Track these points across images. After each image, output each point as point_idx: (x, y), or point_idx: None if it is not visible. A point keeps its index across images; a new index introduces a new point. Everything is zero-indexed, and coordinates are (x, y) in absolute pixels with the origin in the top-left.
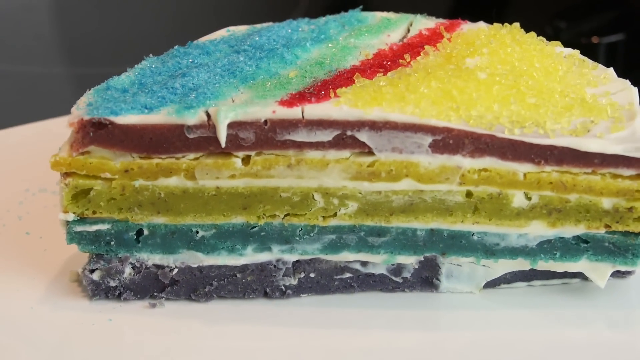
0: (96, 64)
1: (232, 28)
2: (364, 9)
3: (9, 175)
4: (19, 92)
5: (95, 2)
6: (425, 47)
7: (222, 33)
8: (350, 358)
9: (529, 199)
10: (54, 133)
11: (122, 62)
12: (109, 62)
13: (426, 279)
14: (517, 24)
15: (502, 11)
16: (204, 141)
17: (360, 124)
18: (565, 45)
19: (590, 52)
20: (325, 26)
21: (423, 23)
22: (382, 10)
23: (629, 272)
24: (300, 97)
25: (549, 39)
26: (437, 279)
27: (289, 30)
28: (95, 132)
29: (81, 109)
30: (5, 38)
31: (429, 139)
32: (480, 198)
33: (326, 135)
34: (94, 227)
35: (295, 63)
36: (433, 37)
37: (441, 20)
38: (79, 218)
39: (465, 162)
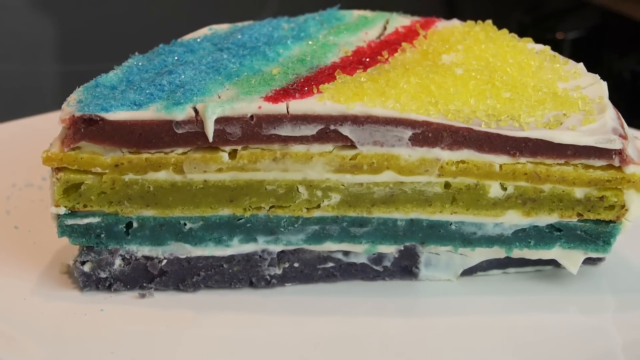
0: (79, 62)
1: (214, 26)
2: (341, 7)
3: None
4: (3, 90)
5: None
6: (402, 44)
7: (204, 31)
8: (333, 344)
9: (505, 189)
10: (39, 129)
11: (107, 59)
12: (92, 59)
13: (406, 267)
14: (489, 21)
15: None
16: (191, 136)
17: (342, 119)
18: (521, 33)
19: (555, 47)
20: (304, 24)
21: (399, 21)
22: (358, 8)
23: (599, 259)
24: (284, 93)
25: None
26: (417, 268)
27: (270, 29)
28: (86, 128)
29: (72, 106)
30: None
31: (409, 133)
32: (458, 189)
33: (310, 130)
34: (85, 221)
35: (278, 60)
36: (409, 35)
37: (416, 18)
38: (70, 212)
39: (444, 155)
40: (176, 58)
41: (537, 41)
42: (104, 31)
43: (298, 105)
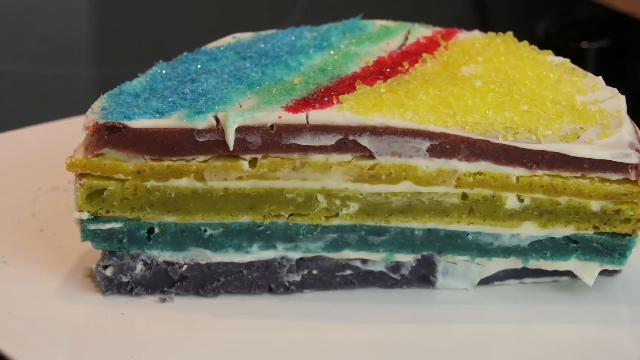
0: (108, 65)
1: (237, 35)
2: (363, 17)
3: (23, 174)
4: (30, 92)
5: (103, 4)
6: (423, 54)
7: (228, 40)
8: (350, 351)
9: (522, 201)
10: (64, 133)
11: (130, 62)
12: (122, 63)
13: (423, 276)
14: (510, 33)
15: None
16: (212, 144)
17: (361, 129)
18: (554, 49)
19: (579, 57)
20: (327, 33)
21: (421, 31)
22: (381, 18)
23: (615, 271)
24: (304, 103)
25: (539, 42)
26: (434, 276)
27: (293, 38)
28: (110, 135)
29: (96, 113)
30: (16, 38)
31: (426, 144)
32: (475, 200)
33: (329, 140)
34: (107, 226)
35: (299, 69)
36: (430, 45)
37: (438, 29)
38: (93, 217)
39: (461, 166)
40: (199, 66)
41: (561, 50)
42: (133, 36)
43: (317, 116)
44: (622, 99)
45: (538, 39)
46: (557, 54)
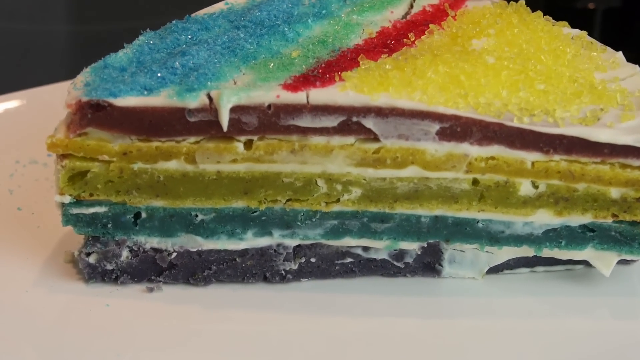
0: (89, 22)
1: (230, 0)
2: None
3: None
4: (11, 51)
5: None
6: (430, 25)
7: (220, 6)
8: (350, 343)
9: (536, 187)
10: (43, 101)
11: (111, 19)
12: (102, 19)
13: (428, 264)
14: (522, 2)
15: None
16: (205, 125)
17: (366, 110)
18: (560, 10)
19: (586, 18)
20: (326, 0)
21: None
22: None
23: (633, 260)
24: (304, 81)
25: (545, 2)
26: (440, 265)
27: (290, 5)
28: (94, 114)
29: (78, 89)
30: None
31: (436, 127)
32: (486, 186)
33: (331, 121)
34: (91, 210)
35: (297, 41)
36: (437, 15)
37: None
38: (75, 200)
39: (473, 150)
40: (190, 37)
41: (566, 11)
42: None
43: (319, 95)
44: None
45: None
46: (563, 15)
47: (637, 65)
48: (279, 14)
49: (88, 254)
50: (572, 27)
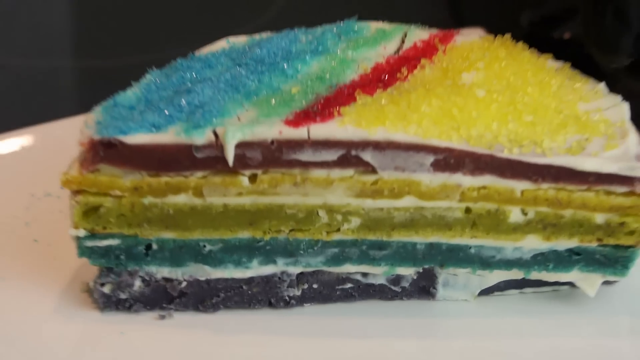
0: (95, 57)
1: (231, 39)
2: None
3: (14, 180)
4: (20, 87)
5: None
6: (421, 60)
7: (222, 44)
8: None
9: (525, 214)
10: (54, 136)
11: (125, 54)
12: (108, 55)
13: (423, 287)
14: (508, 35)
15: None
16: (211, 160)
17: (364, 144)
18: (539, 40)
19: (562, 46)
20: (322, 37)
21: (417, 34)
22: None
23: (615, 280)
24: (305, 116)
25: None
26: (434, 288)
27: (288, 42)
28: (105, 151)
29: (90, 128)
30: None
31: (430, 158)
32: (478, 214)
33: (331, 155)
34: (104, 242)
35: (296, 77)
36: (428, 50)
37: (434, 31)
38: (89, 234)
39: (465, 180)
40: (194, 75)
41: (544, 41)
42: (119, 27)
43: (319, 130)
44: (626, 107)
45: (523, 31)
46: (540, 44)
47: (619, 96)
48: (278, 51)
49: (102, 284)
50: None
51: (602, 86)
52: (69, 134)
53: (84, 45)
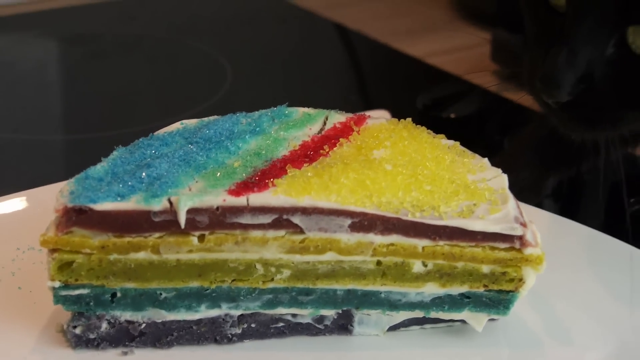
0: (77, 132)
1: (185, 121)
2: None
3: (3, 236)
4: (8, 156)
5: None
6: (340, 139)
7: (177, 125)
8: None
9: (426, 266)
10: (39, 199)
11: (101, 130)
12: (84, 130)
13: (342, 325)
14: (409, 119)
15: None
16: (166, 223)
17: (294, 210)
18: (431, 118)
19: (449, 125)
20: (259, 120)
21: (336, 117)
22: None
23: (498, 318)
24: (245, 187)
25: (419, 113)
26: (351, 326)
27: (231, 124)
28: (77, 217)
29: (65, 197)
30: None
31: (348, 221)
32: (387, 266)
33: (266, 219)
34: (76, 292)
35: (238, 153)
36: (345, 130)
37: (350, 115)
38: (63, 285)
39: (377, 239)
40: (153, 151)
41: (433, 120)
42: (97, 107)
43: (256, 199)
44: (505, 178)
45: (419, 112)
46: (432, 123)
47: (499, 169)
48: (222, 131)
49: (75, 327)
50: (439, 132)
51: (485, 160)
52: (49, 197)
53: (67, 122)
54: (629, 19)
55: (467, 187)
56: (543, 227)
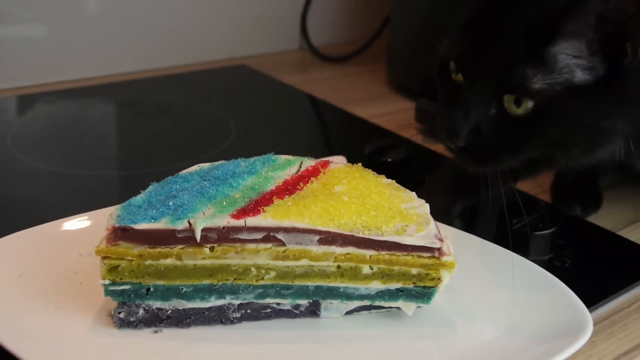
0: (124, 169)
1: (200, 164)
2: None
3: (69, 245)
4: (72, 188)
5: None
6: (311, 178)
7: (195, 167)
8: (270, 352)
9: (372, 269)
10: (97, 219)
11: (143, 168)
12: (133, 167)
13: (312, 310)
14: (360, 164)
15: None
16: (187, 238)
17: (278, 229)
18: (375, 162)
19: (387, 167)
20: (254, 164)
21: (308, 162)
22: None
23: (422, 305)
24: (243, 212)
25: (366, 157)
26: (319, 311)
27: (234, 167)
28: (122, 233)
29: (113, 219)
30: (66, 149)
31: (317, 237)
32: (345, 269)
33: (258, 235)
34: (121, 287)
35: (238, 188)
36: (314, 172)
37: (318, 160)
38: (111, 282)
39: (337, 250)
40: (178, 186)
41: (375, 163)
42: (142, 152)
43: (251, 221)
44: (427, 205)
45: (367, 156)
46: (375, 165)
47: (423, 199)
48: (227, 172)
49: (119, 312)
50: (380, 173)
51: (413, 194)
52: (105, 217)
53: (119, 163)
54: (504, 90)
55: (401, 213)
56: (454, 240)
